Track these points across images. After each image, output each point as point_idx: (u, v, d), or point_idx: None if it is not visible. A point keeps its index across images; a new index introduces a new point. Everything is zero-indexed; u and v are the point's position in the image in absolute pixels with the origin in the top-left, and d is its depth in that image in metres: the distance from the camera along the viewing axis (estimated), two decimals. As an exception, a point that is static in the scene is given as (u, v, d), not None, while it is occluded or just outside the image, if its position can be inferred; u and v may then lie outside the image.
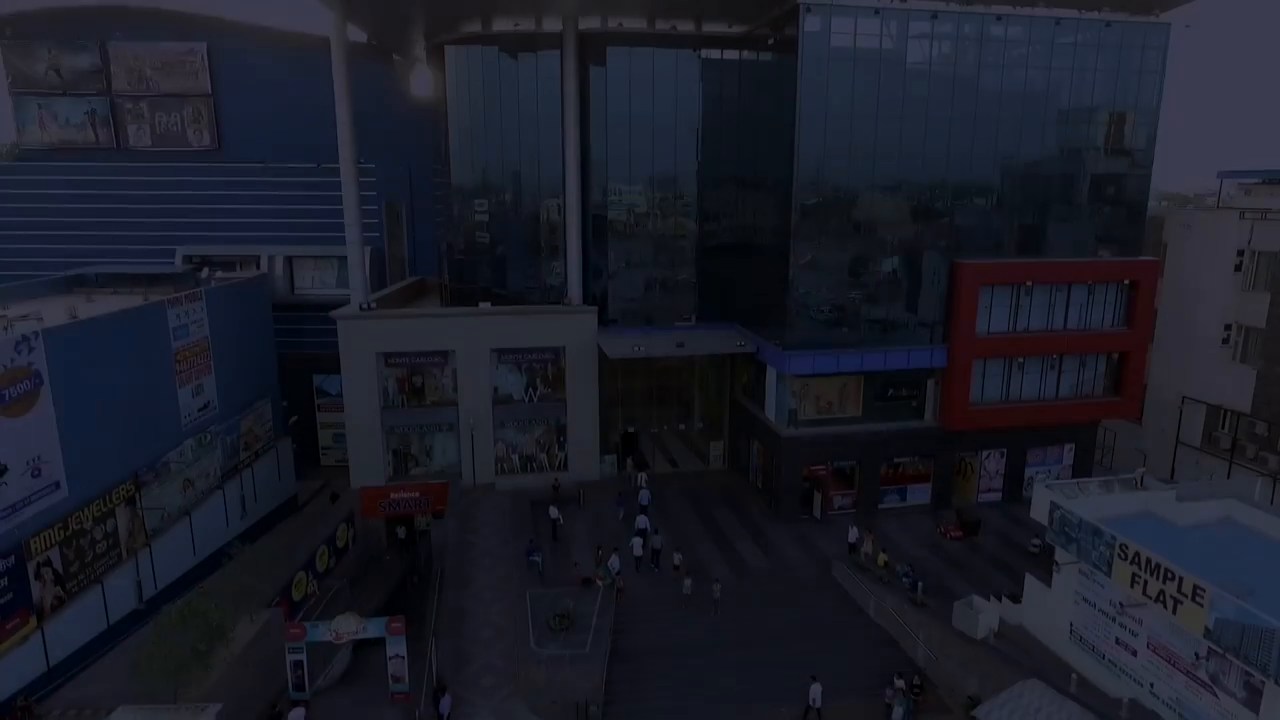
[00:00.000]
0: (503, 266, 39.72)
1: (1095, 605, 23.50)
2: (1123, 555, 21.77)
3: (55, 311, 34.04)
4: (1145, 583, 21.06)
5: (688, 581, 28.56)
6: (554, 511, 33.32)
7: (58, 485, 26.92)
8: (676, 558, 30.30)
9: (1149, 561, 20.97)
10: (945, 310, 34.19)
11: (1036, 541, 31.58)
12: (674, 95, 37.12)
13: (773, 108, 33.60)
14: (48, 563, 26.29)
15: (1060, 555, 24.35)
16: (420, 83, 48.70)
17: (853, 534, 31.76)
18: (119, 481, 30.23)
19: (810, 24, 30.50)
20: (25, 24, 46.03)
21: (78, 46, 46.59)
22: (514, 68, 37.03)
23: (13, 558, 24.76)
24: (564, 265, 38.18)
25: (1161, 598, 20.56)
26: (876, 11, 31.01)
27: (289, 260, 47.90)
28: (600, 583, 28.11)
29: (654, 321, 39.50)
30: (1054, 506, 24.48)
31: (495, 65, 37.31)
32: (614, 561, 29.00)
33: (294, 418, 46.36)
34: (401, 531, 36.30)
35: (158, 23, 46.34)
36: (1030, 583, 26.32)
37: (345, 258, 42.83)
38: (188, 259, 47.31)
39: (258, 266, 47.48)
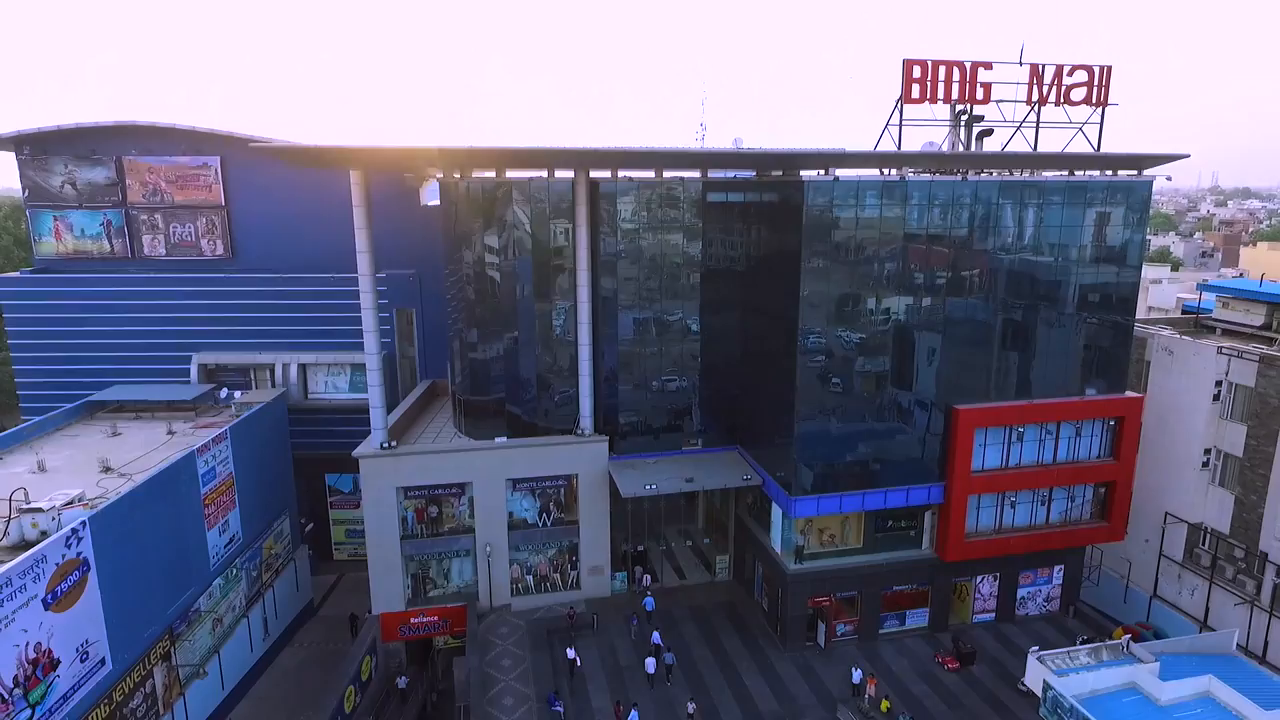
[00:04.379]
0: (515, 386, 40.90)
1: (1086, 784, 25.32)
2: (1111, 752, 23.60)
3: (85, 456, 35.49)
4: (1132, 783, 22.90)
5: (702, 735, 30.22)
6: (571, 653, 34.85)
7: (103, 662, 28.20)
8: (690, 706, 31.93)
9: (1135, 764, 22.80)
10: (942, 451, 35.93)
11: (1025, 683, 33.45)
12: (680, 232, 38.62)
13: (775, 256, 35.24)
14: (95, 740, 27.59)
15: (1053, 737, 26.17)
16: (430, 192, 50.26)
17: (856, 675, 33.50)
18: (156, 639, 31.54)
19: (813, 196, 32.13)
20: (43, 141, 47.01)
21: (94, 161, 47.64)
22: (526, 199, 38.19)
23: (66, 747, 26.05)
24: (576, 395, 39.54)
25: (1147, 802, 22.38)
26: (877, 184, 32.67)
27: (302, 367, 49.17)
28: (621, 740, 29.75)
29: (660, 439, 41.13)
30: (1046, 686, 26.29)
31: (509, 202, 38.49)
32: (633, 717, 30.59)
33: (309, 525, 47.62)
34: (403, 682, 37.00)
35: (172, 139, 47.43)
36: (1025, 744, 28.19)
37: (357, 364, 45.34)
38: (203, 367, 48.59)
39: (272, 374, 48.80)
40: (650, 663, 34.34)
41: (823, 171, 32.01)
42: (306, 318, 48.70)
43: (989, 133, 37.78)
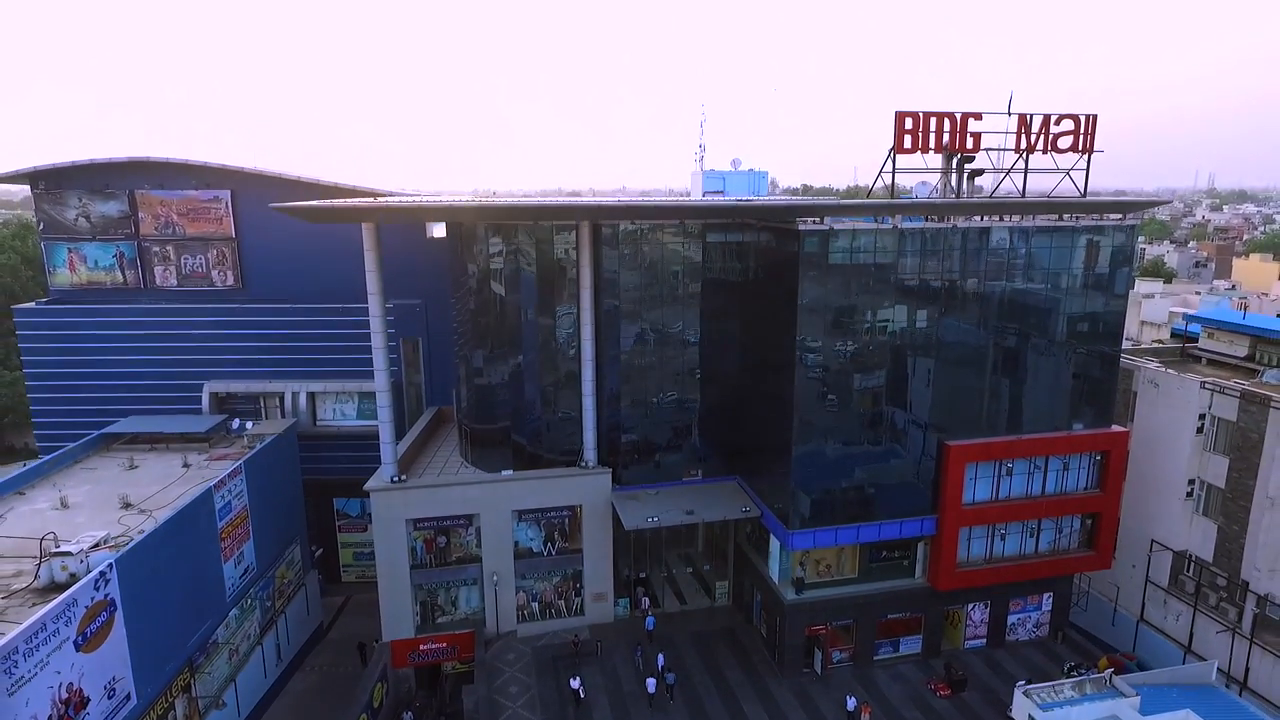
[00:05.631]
0: (520, 417, 42.01)
1: (1069, 816, 26.63)
2: (1092, 787, 24.87)
3: (105, 491, 36.68)
4: (1111, 818, 24.16)
5: (704, 766, 31.45)
6: (575, 682, 36.05)
7: (129, 698, 29.38)
8: (692, 736, 33.22)
9: (1114, 801, 24.07)
10: (934, 484, 37.20)
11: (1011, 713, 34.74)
12: (680, 269, 39.84)
13: (772, 295, 36.45)
14: (121, 774, 28.75)
15: (1038, 771, 27.44)
16: (435, 225, 51.42)
17: (850, 703, 34.76)
18: (177, 672, 32.71)
19: (809, 245, 33.36)
20: (58, 177, 48.16)
21: (107, 195, 48.77)
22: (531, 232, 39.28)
23: (95, 783, 27.22)
24: (580, 425, 40.72)
25: (1125, 837, 23.65)
26: (870, 232, 33.91)
27: (311, 395, 50.34)
28: (625, 770, 30.97)
29: (661, 467, 42.34)
30: (1032, 721, 27.57)
31: (514, 237, 39.62)
32: (636, 747, 31.85)
33: (319, 550, 48.76)
34: (408, 717, 37.97)
35: (184, 174, 48.59)
36: (1012, 774, 29.45)
37: (365, 391, 47.01)
38: (215, 395, 49.76)
39: (281, 402, 49.98)
40: (651, 683, 35.66)
41: (818, 220, 33.21)
42: (315, 346, 49.91)
43: (980, 173, 39.04)
